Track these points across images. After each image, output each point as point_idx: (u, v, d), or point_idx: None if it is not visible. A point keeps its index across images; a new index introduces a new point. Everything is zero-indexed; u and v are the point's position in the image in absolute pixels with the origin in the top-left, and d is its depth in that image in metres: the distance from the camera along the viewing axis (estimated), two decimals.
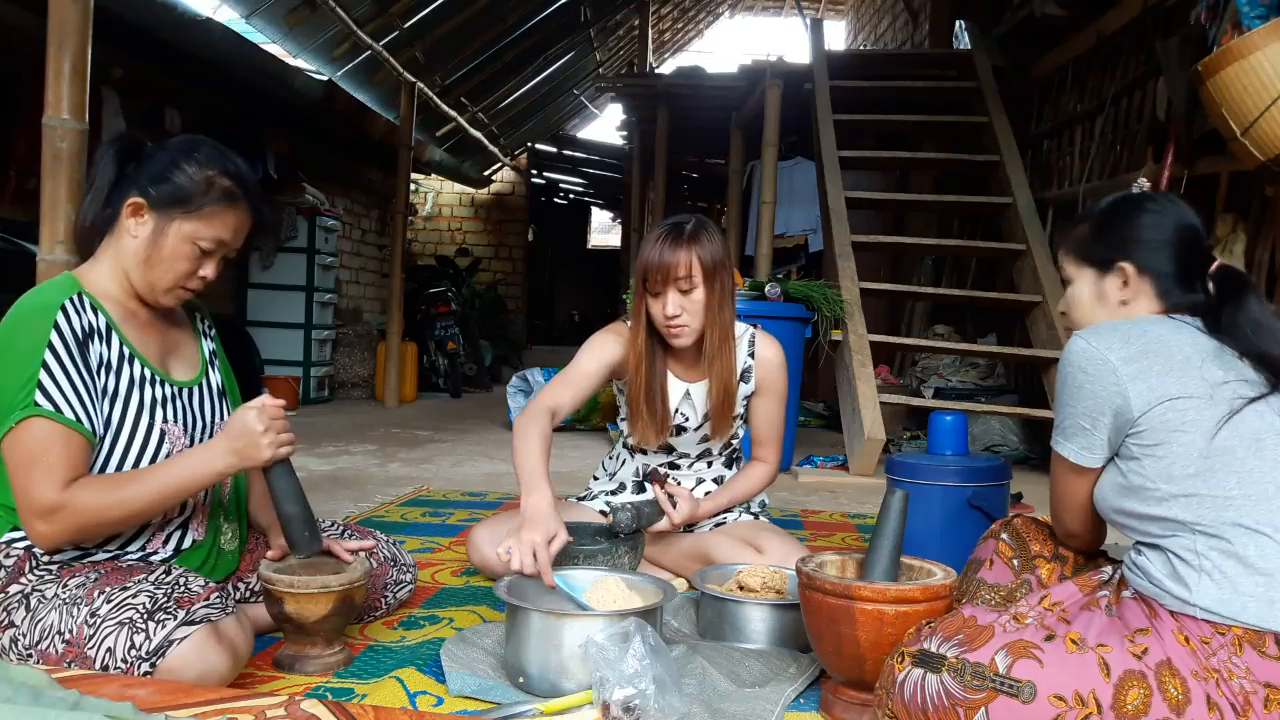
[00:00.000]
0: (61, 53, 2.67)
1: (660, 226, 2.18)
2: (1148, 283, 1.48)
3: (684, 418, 2.29)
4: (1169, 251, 1.47)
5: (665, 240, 2.12)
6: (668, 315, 2.13)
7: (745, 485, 2.34)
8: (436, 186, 11.60)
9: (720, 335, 2.17)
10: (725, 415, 2.24)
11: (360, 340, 7.78)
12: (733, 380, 2.22)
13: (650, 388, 2.21)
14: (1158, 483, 1.33)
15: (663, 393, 2.24)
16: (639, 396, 2.22)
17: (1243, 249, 3.69)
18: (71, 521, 1.48)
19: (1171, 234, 1.48)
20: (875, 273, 6.75)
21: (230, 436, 1.58)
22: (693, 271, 2.11)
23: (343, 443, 4.87)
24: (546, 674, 1.55)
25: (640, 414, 2.23)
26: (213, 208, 1.61)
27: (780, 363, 2.31)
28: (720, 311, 2.16)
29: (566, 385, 2.20)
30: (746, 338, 2.31)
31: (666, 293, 2.12)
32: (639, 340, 2.20)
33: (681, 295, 2.13)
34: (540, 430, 2.04)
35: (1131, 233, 1.50)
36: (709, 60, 14.11)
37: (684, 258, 2.10)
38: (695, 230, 2.14)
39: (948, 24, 7.05)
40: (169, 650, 1.39)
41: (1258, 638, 1.23)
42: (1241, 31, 3.15)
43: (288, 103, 6.14)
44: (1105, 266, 1.51)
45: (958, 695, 1.27)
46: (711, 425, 2.26)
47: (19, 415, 1.46)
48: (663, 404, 2.23)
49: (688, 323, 2.14)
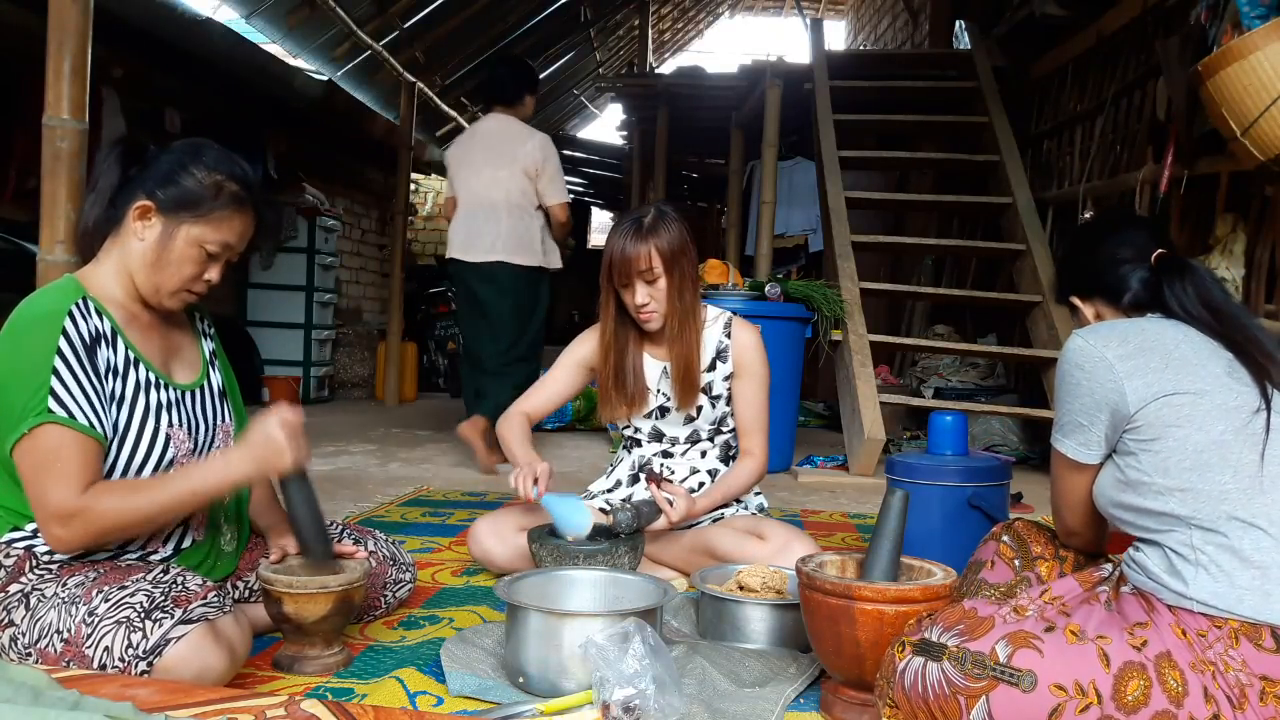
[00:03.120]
0: (61, 53, 2.67)
1: (621, 221, 2.31)
2: (1099, 303, 1.59)
3: (665, 396, 2.37)
4: (1096, 272, 1.59)
5: (626, 235, 2.25)
6: (637, 305, 2.27)
7: (735, 479, 2.36)
8: (436, 186, 11.59)
9: (680, 319, 2.29)
10: (688, 387, 2.34)
11: (360, 340, 7.77)
12: (693, 356, 2.32)
13: (619, 368, 2.36)
14: (1154, 477, 1.34)
15: (636, 370, 2.37)
16: (608, 378, 2.37)
17: (1242, 249, 3.68)
18: (88, 527, 1.48)
19: (1092, 257, 1.61)
20: (875, 273, 6.75)
21: (251, 445, 1.59)
22: (653, 263, 2.23)
23: (343, 442, 4.87)
24: (546, 674, 1.55)
25: (609, 393, 2.37)
26: (221, 212, 1.62)
27: (756, 345, 2.40)
28: (681, 297, 2.29)
29: (539, 389, 2.47)
30: (722, 321, 2.41)
31: (633, 285, 2.25)
32: (607, 330, 2.35)
33: (647, 285, 2.26)
34: (519, 424, 2.34)
35: (1067, 269, 1.67)
36: (709, 60, 14.11)
37: (644, 250, 2.23)
38: (654, 223, 2.26)
39: (948, 24, 7.05)
40: (166, 649, 1.40)
41: (1254, 630, 1.24)
42: (1241, 31, 3.15)
43: (288, 103, 6.14)
44: (1068, 304, 1.65)
45: (959, 684, 1.27)
46: (676, 395, 2.35)
47: (33, 422, 1.46)
48: (635, 379, 2.36)
49: (656, 309, 2.28)
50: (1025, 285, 5.08)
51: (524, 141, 4.18)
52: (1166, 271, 1.49)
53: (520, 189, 4.16)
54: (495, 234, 4.13)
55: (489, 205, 4.15)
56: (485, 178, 4.17)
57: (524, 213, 4.18)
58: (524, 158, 4.14)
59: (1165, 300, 1.47)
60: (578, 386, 2.47)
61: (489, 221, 4.14)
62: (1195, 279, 1.46)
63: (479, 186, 4.18)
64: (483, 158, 4.20)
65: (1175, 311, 1.45)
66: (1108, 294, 1.57)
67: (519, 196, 4.16)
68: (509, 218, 4.15)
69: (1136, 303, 1.53)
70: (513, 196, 4.16)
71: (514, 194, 4.16)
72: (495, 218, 4.14)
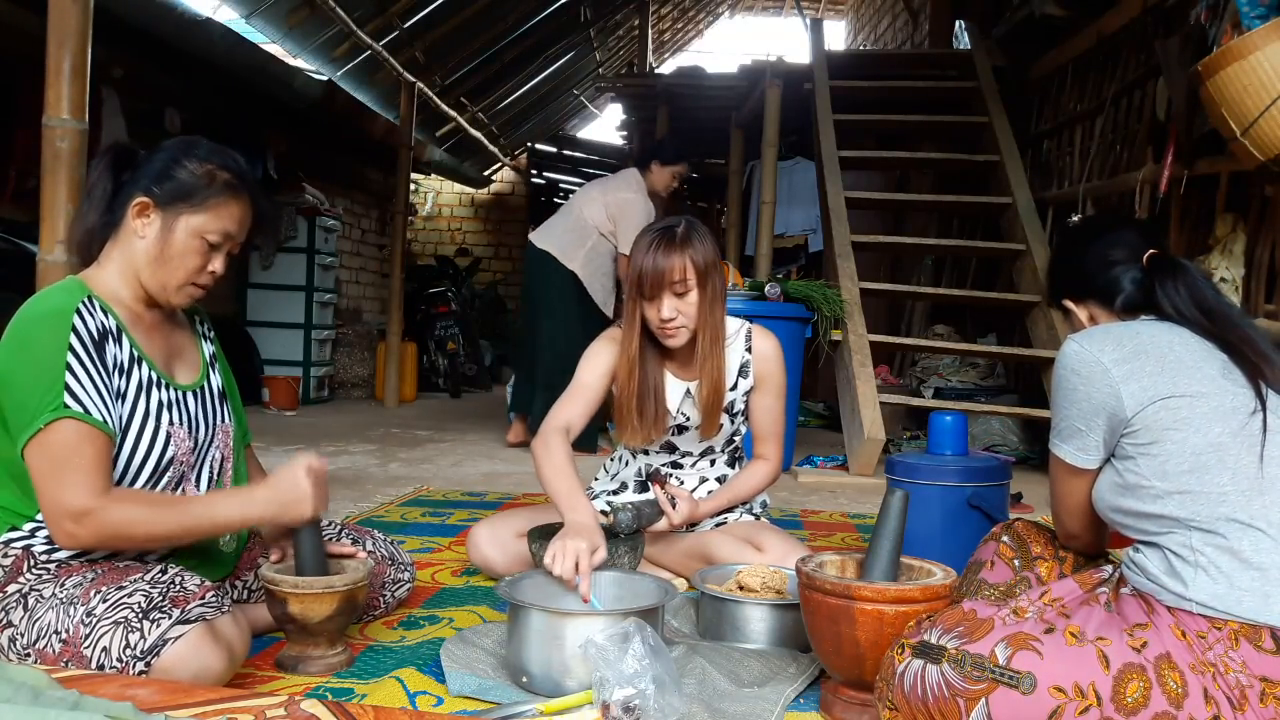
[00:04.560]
0: (61, 53, 2.67)
1: (651, 231, 2.18)
2: (1092, 305, 1.58)
3: (685, 417, 2.30)
4: (1087, 274, 1.59)
5: (658, 246, 2.13)
6: (663, 319, 2.14)
7: (746, 484, 2.33)
8: (436, 186, 11.59)
9: (712, 336, 2.19)
10: (714, 414, 2.24)
11: (360, 340, 7.77)
12: (723, 380, 2.22)
13: (642, 391, 2.22)
14: (1153, 481, 1.34)
15: (657, 394, 2.24)
16: (630, 401, 2.22)
17: (1242, 249, 3.68)
18: (100, 529, 1.49)
19: (1083, 260, 1.60)
20: (875, 273, 6.75)
21: (277, 490, 1.62)
22: (687, 275, 2.12)
23: (342, 443, 4.87)
24: (550, 673, 1.55)
25: (629, 418, 2.23)
26: (216, 200, 1.63)
27: (777, 356, 2.31)
28: (712, 312, 2.18)
29: (573, 402, 2.24)
30: (743, 333, 2.31)
31: (662, 297, 2.13)
32: (632, 346, 2.21)
33: (677, 298, 2.14)
34: (562, 449, 2.09)
35: (1057, 273, 1.67)
36: (709, 60, 14.11)
37: (678, 262, 2.11)
38: (687, 233, 2.14)
39: (948, 24, 7.05)
40: (164, 649, 1.40)
41: (1253, 632, 1.23)
42: (1241, 31, 3.15)
43: (287, 103, 6.14)
44: (1060, 307, 1.65)
45: (958, 686, 1.27)
46: (702, 425, 2.27)
47: (49, 417, 1.46)
48: (656, 404, 2.23)
49: (683, 324, 2.16)
50: (1025, 285, 5.08)
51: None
52: (1158, 272, 1.49)
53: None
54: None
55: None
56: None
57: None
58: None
59: (1158, 301, 1.47)
60: (605, 395, 2.30)
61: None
62: (1187, 279, 1.46)
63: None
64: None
65: (1168, 312, 1.45)
66: (1101, 296, 1.57)
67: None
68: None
69: (1129, 304, 1.53)
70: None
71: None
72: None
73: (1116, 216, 3.30)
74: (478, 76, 8.59)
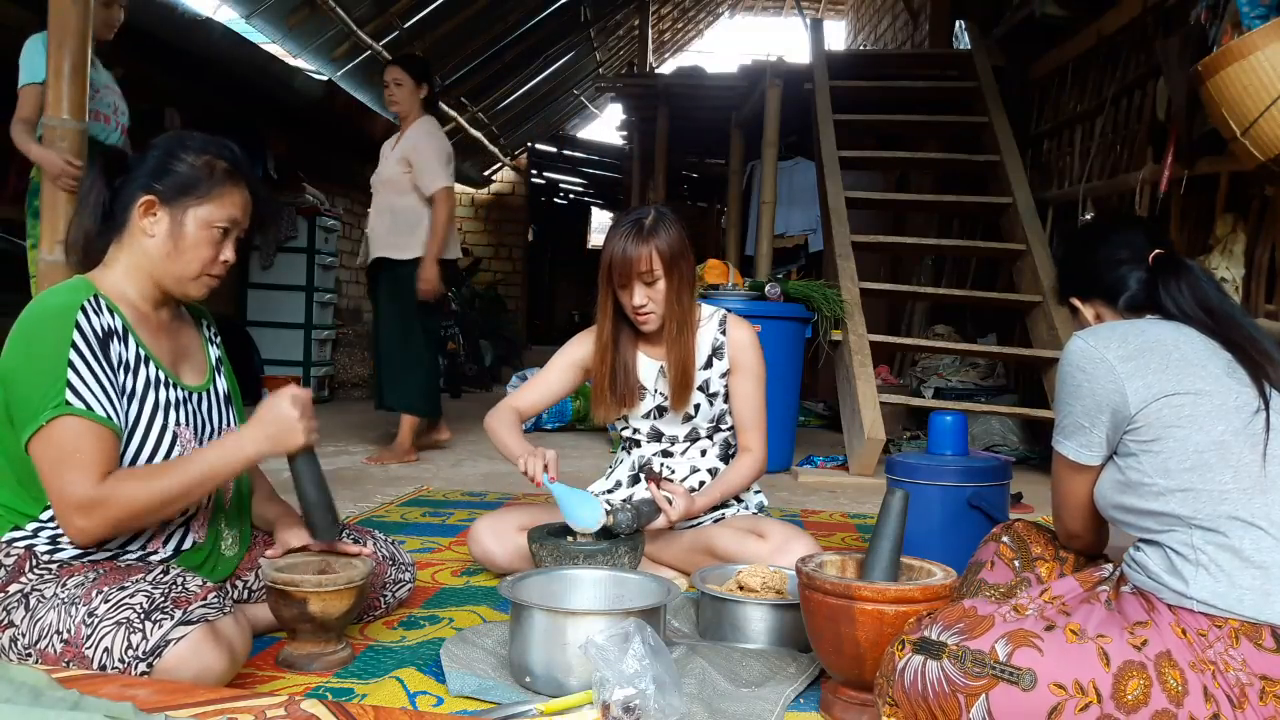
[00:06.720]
0: (61, 52, 2.67)
1: (621, 223, 2.29)
2: (1098, 304, 1.59)
3: (662, 396, 2.37)
4: (1094, 273, 1.60)
5: (627, 236, 2.23)
6: (635, 306, 2.26)
7: (734, 476, 2.37)
8: None
9: (679, 322, 2.29)
10: (683, 390, 2.34)
11: (360, 340, 7.77)
12: (691, 358, 2.32)
13: (614, 368, 2.35)
14: (1155, 478, 1.35)
15: (628, 370, 2.37)
16: (603, 379, 2.36)
17: (1242, 249, 3.68)
18: (109, 515, 1.49)
19: (1090, 260, 1.61)
20: (875, 273, 6.74)
21: (264, 423, 1.61)
22: (654, 265, 2.22)
23: (343, 442, 4.87)
24: (552, 673, 1.55)
25: (603, 391, 2.36)
26: (220, 188, 1.65)
27: (752, 342, 2.40)
28: (679, 300, 2.28)
29: (532, 387, 2.44)
30: (717, 319, 2.41)
31: (632, 286, 2.24)
32: (604, 330, 2.34)
33: (646, 286, 2.25)
34: (510, 419, 2.33)
35: (1065, 272, 1.68)
36: (709, 60, 14.11)
37: (645, 252, 2.22)
38: (654, 224, 2.24)
39: (948, 24, 7.05)
40: (166, 650, 1.40)
41: (1254, 630, 1.24)
42: (1241, 31, 3.15)
43: (287, 103, 6.14)
44: (1068, 305, 1.66)
45: (958, 682, 1.27)
46: (671, 398, 2.35)
47: (51, 414, 1.47)
48: (627, 378, 2.36)
49: (654, 310, 2.27)
50: (1025, 285, 5.08)
51: None
52: (1163, 271, 1.50)
53: None
54: None
55: None
56: None
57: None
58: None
59: (1161, 301, 1.48)
60: (570, 387, 2.45)
61: None
62: (1191, 279, 1.47)
63: None
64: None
65: (1171, 312, 1.46)
66: (1106, 295, 1.58)
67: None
68: None
69: (1134, 303, 1.54)
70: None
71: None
72: None
73: (1124, 217, 3.30)
74: (478, 76, 8.60)
